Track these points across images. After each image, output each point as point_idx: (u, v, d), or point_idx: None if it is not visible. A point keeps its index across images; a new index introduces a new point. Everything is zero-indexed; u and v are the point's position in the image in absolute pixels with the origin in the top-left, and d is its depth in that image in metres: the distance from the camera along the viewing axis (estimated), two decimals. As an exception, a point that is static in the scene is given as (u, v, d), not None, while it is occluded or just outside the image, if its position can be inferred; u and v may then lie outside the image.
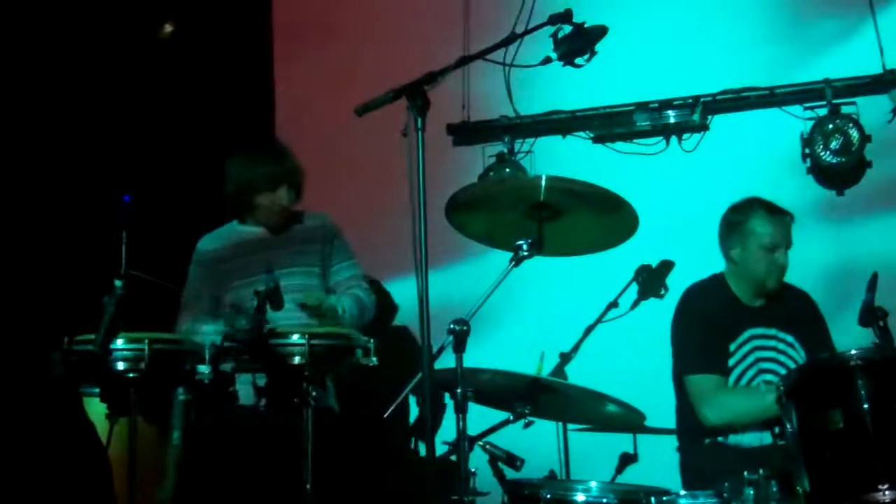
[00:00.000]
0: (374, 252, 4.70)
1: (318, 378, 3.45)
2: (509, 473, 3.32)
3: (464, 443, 2.94)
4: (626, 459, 4.10)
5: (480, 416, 3.38)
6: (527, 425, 3.35)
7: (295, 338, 3.41)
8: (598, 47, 3.39)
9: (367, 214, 5.12)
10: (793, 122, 5.15)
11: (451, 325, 2.94)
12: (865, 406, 2.86)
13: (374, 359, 3.51)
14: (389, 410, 3.15)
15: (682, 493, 3.05)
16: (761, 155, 5.23)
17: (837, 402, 2.92)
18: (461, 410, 2.92)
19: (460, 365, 2.93)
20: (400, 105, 2.95)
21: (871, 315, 3.09)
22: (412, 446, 3.95)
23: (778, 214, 4.03)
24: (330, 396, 3.93)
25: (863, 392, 2.87)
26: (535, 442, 4.13)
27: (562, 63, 3.36)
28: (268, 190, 4.08)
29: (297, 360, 3.38)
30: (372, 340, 3.51)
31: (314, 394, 3.39)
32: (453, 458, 3.12)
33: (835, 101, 5.03)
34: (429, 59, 3.22)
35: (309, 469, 3.31)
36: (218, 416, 3.72)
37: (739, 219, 4.06)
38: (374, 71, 5.24)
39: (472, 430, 3.18)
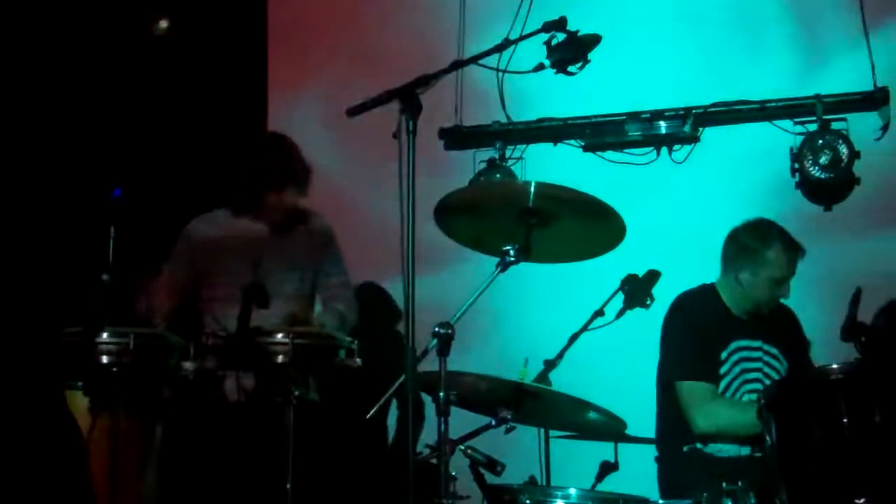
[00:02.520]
0: (364, 254, 4.70)
1: (301, 377, 3.46)
2: (490, 478, 3.32)
3: (445, 446, 2.94)
4: (607, 468, 4.11)
5: (462, 421, 3.39)
6: (508, 431, 3.35)
7: (279, 336, 3.42)
8: (591, 56, 3.40)
9: (358, 217, 5.13)
10: (783, 137, 5.17)
11: (436, 329, 2.95)
12: (845, 420, 2.87)
13: (359, 360, 3.52)
14: (372, 412, 3.15)
15: (661, 501, 3.05)
16: (751, 168, 5.26)
17: (817, 415, 2.94)
18: (443, 413, 2.92)
19: (444, 368, 2.93)
20: (393, 107, 2.95)
21: (854, 330, 3.11)
22: (394, 448, 3.97)
23: (794, 250, 4.05)
24: (312, 391, 3.93)
25: (843, 406, 2.89)
26: (517, 448, 4.15)
27: (555, 71, 3.37)
28: (275, 188, 4.05)
29: (280, 358, 3.39)
30: (356, 341, 3.52)
31: (297, 393, 3.40)
32: (434, 461, 3.12)
33: (825, 117, 5.06)
34: (423, 63, 3.23)
35: (290, 468, 3.31)
36: (201, 413, 3.72)
37: (756, 246, 4.04)
38: (367, 74, 5.24)
39: (454, 434, 3.18)
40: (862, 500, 2.78)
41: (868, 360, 3.03)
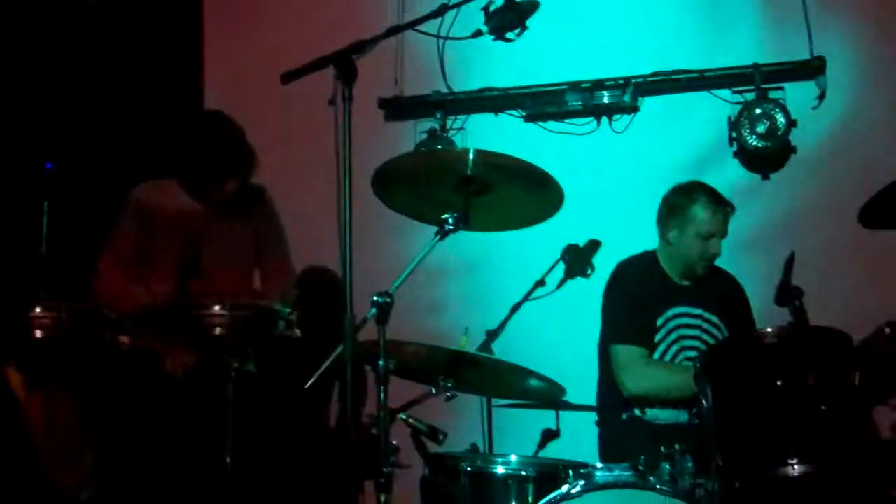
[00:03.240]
0: (303, 224, 4.65)
1: (239, 350, 3.42)
2: (431, 447, 3.33)
3: (385, 415, 2.93)
4: (549, 435, 4.13)
5: (406, 390, 3.39)
6: (449, 399, 3.36)
7: (216, 309, 3.38)
8: (531, 25, 3.39)
9: (297, 186, 5.07)
10: (722, 106, 5.21)
11: (375, 298, 2.93)
12: (779, 383, 2.91)
13: (298, 331, 3.50)
14: (311, 382, 3.13)
15: (599, 465, 3.08)
16: (690, 137, 5.29)
17: (752, 379, 2.98)
18: (383, 383, 2.91)
19: (383, 337, 2.92)
20: (331, 75, 2.92)
21: (787, 294, 3.15)
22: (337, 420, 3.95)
23: (720, 204, 4.10)
24: (250, 362, 3.89)
25: (776, 369, 2.93)
26: (459, 417, 4.16)
27: (493, 37, 3.36)
28: (218, 177, 3.95)
29: (218, 330, 3.36)
30: (296, 313, 3.50)
31: (235, 365, 3.37)
32: (374, 431, 3.11)
33: (763, 86, 5.09)
34: (361, 30, 3.19)
35: (229, 441, 3.29)
36: (138, 387, 3.68)
37: (682, 203, 4.12)
38: (304, 40, 5.17)
39: (395, 403, 3.18)
40: (794, 461, 2.83)
41: (801, 324, 3.07)
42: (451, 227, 3.18)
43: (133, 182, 4.17)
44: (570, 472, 3.07)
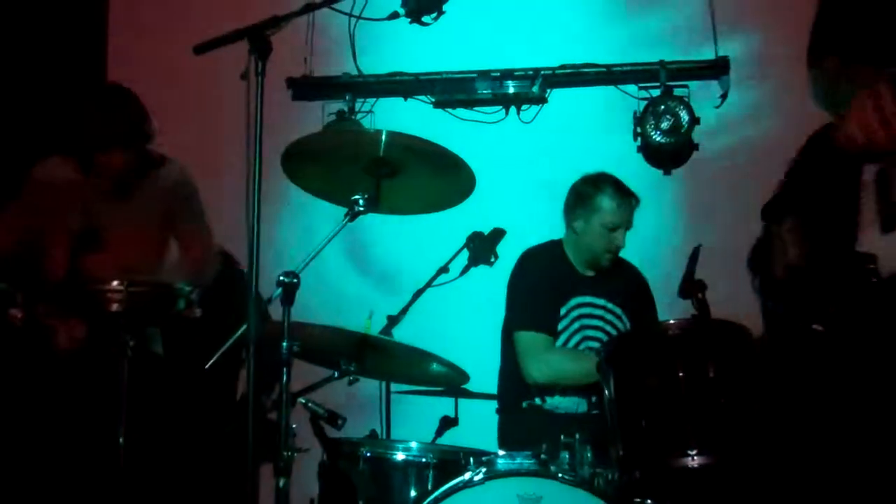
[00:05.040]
0: (212, 201, 4.54)
1: (136, 327, 3.33)
2: (330, 432, 3.29)
3: (286, 398, 2.89)
4: (447, 423, 4.14)
5: (307, 373, 3.34)
6: (351, 383, 3.32)
7: (114, 284, 3.29)
8: (447, 9, 3.37)
9: (206, 161, 4.95)
10: (628, 101, 5.27)
11: (281, 277, 2.88)
12: (680, 374, 2.96)
13: (199, 310, 3.42)
14: (211, 362, 3.06)
15: (501, 452, 3.09)
16: (596, 131, 5.35)
17: (654, 370, 3.02)
18: (285, 364, 2.86)
19: (287, 318, 2.87)
20: (242, 50, 2.84)
21: (690, 288, 3.19)
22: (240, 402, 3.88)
23: (625, 196, 4.13)
24: (156, 343, 3.79)
25: (678, 361, 2.97)
26: (359, 403, 4.13)
27: (409, 20, 3.33)
28: (101, 150, 3.79)
29: (114, 307, 3.27)
30: (196, 291, 3.41)
31: (132, 343, 3.28)
32: (272, 415, 3.06)
33: (668, 83, 5.18)
34: (276, 5, 3.12)
35: (123, 420, 3.20)
36: (30, 363, 3.56)
37: (589, 192, 4.14)
38: (216, 13, 5.06)
39: (297, 386, 3.13)
40: (694, 452, 2.88)
41: (703, 317, 3.12)
42: (361, 209, 3.14)
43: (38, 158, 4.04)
44: (472, 459, 3.07)
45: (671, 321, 3.14)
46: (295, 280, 2.86)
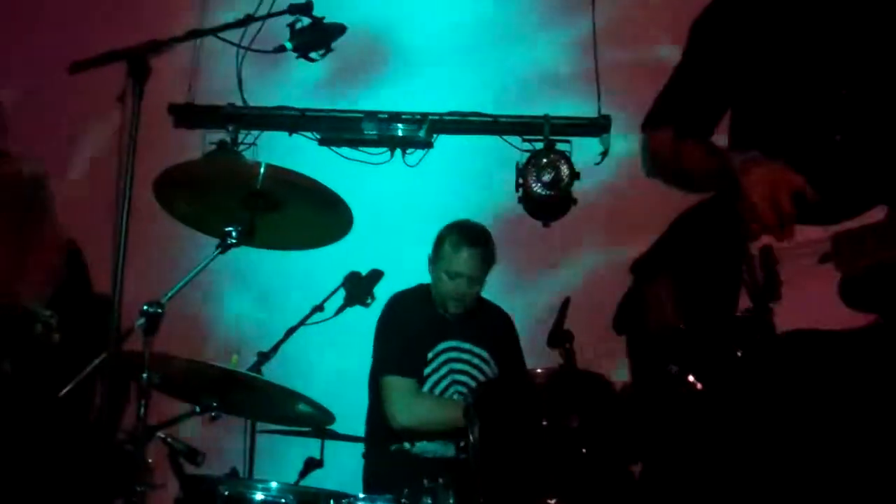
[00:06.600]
0: (77, 222, 4.40)
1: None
2: (189, 468, 3.20)
3: (143, 431, 2.79)
4: (311, 464, 4.07)
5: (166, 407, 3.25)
6: (214, 419, 3.24)
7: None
8: (336, 48, 3.36)
9: (74, 184, 4.81)
10: (512, 152, 5.34)
11: (145, 307, 2.79)
12: (544, 423, 2.97)
13: (56, 335, 3.30)
14: (66, 390, 2.94)
15: (361, 496, 3.05)
16: (480, 179, 5.40)
17: (519, 417, 3.04)
18: (144, 396, 2.77)
19: (148, 349, 2.78)
20: (121, 72, 2.78)
21: (559, 337, 3.24)
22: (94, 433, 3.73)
23: (472, 246, 4.15)
24: (5, 361, 3.61)
25: (543, 409, 2.99)
26: (223, 440, 4.03)
27: (296, 55, 3.31)
28: None
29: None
30: (55, 316, 3.29)
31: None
32: (129, 447, 2.96)
33: (551, 137, 5.26)
34: (160, 29, 3.07)
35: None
36: None
37: (439, 238, 4.21)
38: (101, 31, 4.95)
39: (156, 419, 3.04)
40: (553, 501, 2.89)
41: (569, 367, 3.16)
42: (234, 241, 3.07)
43: None
44: (332, 501, 3.02)
45: (538, 369, 3.16)
46: (159, 310, 2.78)
